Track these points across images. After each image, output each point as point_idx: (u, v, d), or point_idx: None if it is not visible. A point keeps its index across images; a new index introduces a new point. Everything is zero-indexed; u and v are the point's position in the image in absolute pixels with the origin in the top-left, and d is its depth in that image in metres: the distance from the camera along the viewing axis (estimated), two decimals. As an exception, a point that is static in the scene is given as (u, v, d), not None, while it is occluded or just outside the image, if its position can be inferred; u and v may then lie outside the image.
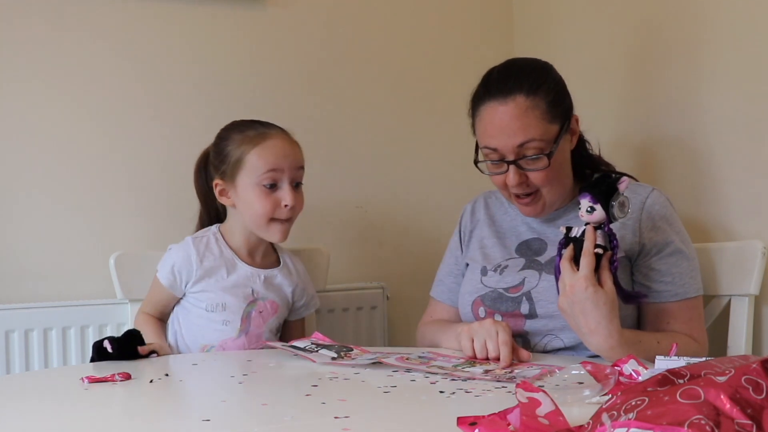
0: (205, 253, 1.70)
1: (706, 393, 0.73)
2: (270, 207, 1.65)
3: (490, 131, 1.52)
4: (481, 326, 1.43)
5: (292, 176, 1.67)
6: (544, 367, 1.32)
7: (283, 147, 1.67)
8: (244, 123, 1.72)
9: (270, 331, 1.72)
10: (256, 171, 1.64)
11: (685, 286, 1.51)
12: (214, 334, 1.68)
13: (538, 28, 2.33)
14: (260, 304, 1.71)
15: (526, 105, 1.49)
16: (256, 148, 1.65)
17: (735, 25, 1.72)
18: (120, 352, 1.48)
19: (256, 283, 1.71)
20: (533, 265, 1.58)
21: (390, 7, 2.29)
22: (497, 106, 1.50)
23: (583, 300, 1.32)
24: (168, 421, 1.04)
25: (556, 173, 1.53)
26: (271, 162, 1.64)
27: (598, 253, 1.33)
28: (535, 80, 1.52)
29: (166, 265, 1.72)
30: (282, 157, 1.65)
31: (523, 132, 1.49)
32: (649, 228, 1.52)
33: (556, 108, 1.52)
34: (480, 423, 0.82)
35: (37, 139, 1.94)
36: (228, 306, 1.68)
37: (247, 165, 1.65)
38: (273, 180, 1.65)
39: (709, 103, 1.79)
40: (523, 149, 1.50)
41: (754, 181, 1.70)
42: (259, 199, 1.65)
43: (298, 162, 1.68)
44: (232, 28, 2.11)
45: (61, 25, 1.96)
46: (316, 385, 1.20)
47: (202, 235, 1.75)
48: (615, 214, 1.33)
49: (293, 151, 1.69)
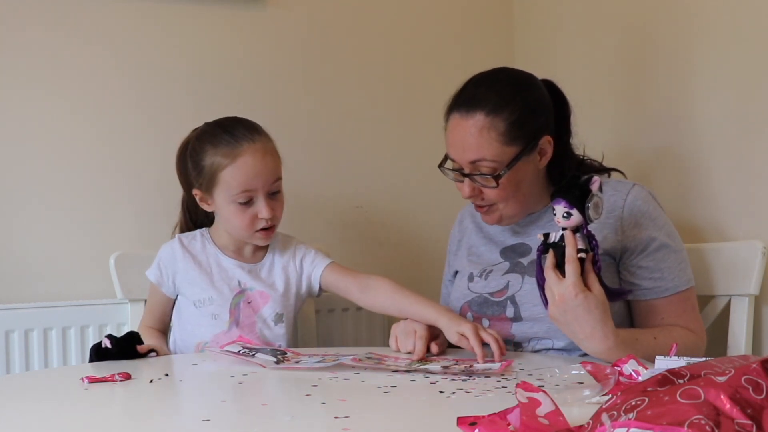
0: (188, 247, 1.73)
1: (706, 393, 0.73)
2: (248, 221, 1.65)
3: (450, 142, 1.55)
4: (397, 326, 1.54)
5: (267, 190, 1.65)
6: (503, 361, 1.34)
7: (254, 165, 1.63)
8: (215, 132, 1.68)
9: (265, 320, 1.69)
10: (230, 190, 1.63)
11: (675, 281, 1.51)
12: (206, 329, 1.68)
13: (539, 30, 2.33)
14: (248, 295, 1.70)
15: (483, 124, 1.49)
16: (228, 168, 1.63)
17: (729, 29, 1.72)
18: (119, 348, 1.48)
19: (241, 276, 1.71)
20: (516, 269, 1.58)
21: (390, 8, 2.29)
22: (459, 119, 1.52)
23: (574, 307, 1.31)
24: (168, 421, 1.04)
25: (511, 192, 1.53)
26: (242, 182, 1.63)
27: (581, 257, 1.32)
28: (502, 99, 1.51)
29: (155, 265, 1.75)
30: (254, 176, 1.63)
31: (476, 150, 1.50)
32: (631, 226, 1.52)
33: (518, 130, 1.50)
34: (480, 423, 0.82)
35: (36, 140, 1.94)
36: (214, 299, 1.69)
37: (220, 183, 1.64)
38: (247, 198, 1.64)
39: (704, 105, 1.79)
40: (475, 166, 1.51)
41: (750, 182, 1.70)
42: (236, 215, 1.65)
43: (272, 177, 1.66)
44: (232, 28, 2.11)
45: (60, 26, 1.96)
46: (316, 385, 1.20)
47: (189, 233, 1.78)
48: (591, 216, 1.32)
49: (266, 168, 1.65)
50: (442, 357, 1.46)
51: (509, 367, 1.30)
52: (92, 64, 1.98)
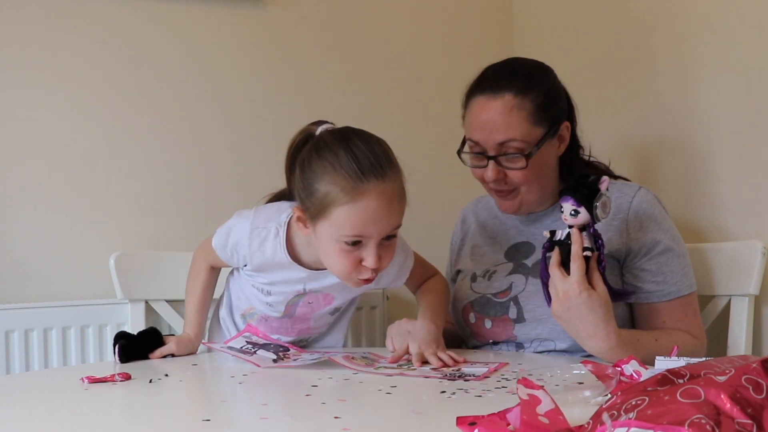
0: (257, 252, 1.51)
1: (706, 392, 0.73)
2: (350, 266, 1.40)
3: (475, 124, 1.53)
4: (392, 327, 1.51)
5: (383, 236, 1.39)
6: (490, 365, 1.34)
7: (378, 211, 1.35)
8: (339, 153, 1.37)
9: (319, 317, 1.61)
10: (340, 230, 1.36)
11: (677, 285, 1.51)
12: (260, 306, 1.59)
13: (538, 29, 2.33)
14: (311, 296, 1.56)
15: (513, 104, 1.50)
16: (347, 205, 1.34)
17: (733, 27, 1.72)
18: (129, 358, 1.48)
19: (310, 283, 1.54)
20: (520, 270, 1.58)
21: (390, 8, 2.29)
22: (486, 101, 1.52)
23: (578, 305, 1.32)
24: (168, 421, 1.04)
25: (535, 175, 1.53)
26: (358, 227, 1.36)
27: (587, 256, 1.33)
28: (528, 82, 1.52)
29: (223, 240, 1.55)
30: (373, 222, 1.36)
31: (505, 130, 1.49)
32: (636, 228, 1.52)
33: (544, 112, 1.52)
34: (480, 423, 0.82)
35: (37, 140, 1.94)
36: (273, 294, 1.56)
37: (331, 218, 1.36)
38: (357, 240, 1.37)
39: (706, 104, 1.79)
40: (504, 147, 1.51)
41: (751, 181, 1.70)
42: (338, 255, 1.39)
43: (392, 225, 1.39)
44: (232, 28, 2.11)
45: (60, 26, 1.96)
46: (316, 385, 1.20)
47: (265, 224, 1.52)
48: (598, 215, 1.32)
49: (390, 214, 1.37)
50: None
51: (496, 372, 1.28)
52: (92, 63, 1.98)
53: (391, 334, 1.52)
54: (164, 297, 1.94)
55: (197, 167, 2.07)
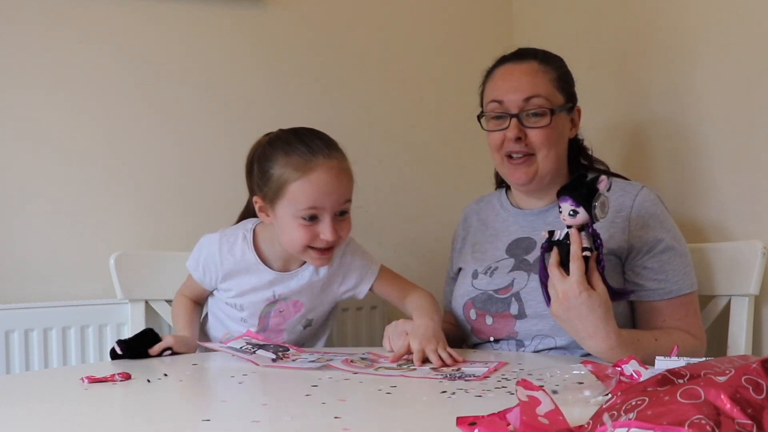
0: (227, 255, 1.64)
1: (706, 393, 0.73)
2: (307, 238, 1.54)
3: (500, 85, 1.60)
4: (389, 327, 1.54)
5: (335, 210, 1.55)
6: (490, 364, 1.34)
7: (327, 182, 1.52)
8: (291, 140, 1.56)
9: (292, 328, 1.68)
10: (296, 205, 1.52)
11: (679, 283, 1.51)
12: (235, 326, 1.69)
13: (538, 25, 2.33)
14: (281, 305, 1.66)
15: (538, 68, 1.59)
16: (299, 181, 1.51)
17: (733, 23, 1.72)
18: (131, 353, 1.50)
19: (276, 286, 1.64)
20: (522, 266, 1.58)
21: (390, 7, 2.29)
22: (511, 66, 1.61)
23: (578, 305, 1.32)
24: (168, 421, 1.04)
25: (554, 139, 1.57)
26: (312, 199, 1.52)
27: (586, 256, 1.32)
28: (549, 55, 1.63)
29: (195, 259, 1.69)
30: (325, 194, 1.52)
31: (531, 87, 1.56)
32: (639, 227, 1.52)
33: (565, 84, 1.61)
34: (480, 423, 0.82)
35: (37, 140, 1.94)
36: (245, 308, 1.66)
37: (287, 195, 1.53)
38: (313, 214, 1.53)
39: (707, 104, 1.79)
40: (528, 104, 1.56)
41: (751, 181, 1.70)
42: (297, 230, 1.54)
43: (343, 197, 1.55)
44: (232, 28, 2.11)
45: (60, 26, 1.96)
46: (316, 385, 1.20)
47: (233, 232, 1.67)
48: (597, 215, 1.32)
49: (339, 186, 1.54)
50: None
51: (496, 372, 1.28)
52: (92, 63, 1.98)
53: (389, 335, 1.53)
54: (164, 297, 1.94)
55: (197, 167, 2.07)
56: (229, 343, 1.51)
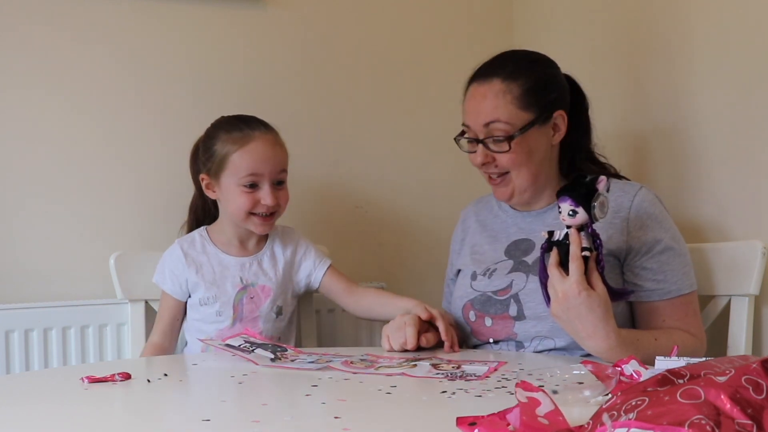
0: (189, 250, 1.78)
1: (706, 393, 0.73)
2: (249, 204, 1.71)
3: (467, 109, 1.59)
4: (387, 326, 1.55)
5: (273, 178, 1.72)
6: (490, 364, 1.33)
7: (264, 151, 1.72)
8: (231, 121, 1.77)
9: (266, 315, 1.77)
10: (238, 173, 1.70)
11: (678, 283, 1.51)
12: (210, 326, 1.74)
13: (538, 26, 2.33)
14: (251, 290, 1.76)
15: (499, 88, 1.54)
16: (239, 151, 1.71)
17: (733, 24, 1.72)
18: None
19: (243, 271, 1.77)
20: (521, 267, 1.58)
21: (390, 7, 2.29)
22: (477, 86, 1.58)
23: (577, 305, 1.31)
24: (168, 421, 1.04)
25: (523, 159, 1.56)
26: (251, 166, 1.70)
27: (585, 256, 1.32)
28: (518, 68, 1.57)
29: (161, 272, 1.80)
30: (262, 161, 1.71)
31: (490, 112, 1.54)
32: (637, 227, 1.52)
33: (534, 97, 1.55)
34: (480, 423, 0.82)
35: (37, 140, 1.94)
36: (218, 297, 1.75)
37: (230, 165, 1.71)
38: (253, 181, 1.71)
39: (706, 104, 1.79)
40: (489, 129, 1.55)
41: (751, 181, 1.70)
42: (240, 197, 1.71)
43: (279, 165, 1.74)
44: (232, 28, 2.11)
45: (60, 26, 1.96)
46: (316, 385, 1.20)
47: (187, 237, 1.83)
48: (596, 215, 1.32)
49: (274, 155, 1.73)
50: (433, 355, 1.45)
51: (496, 372, 1.28)
52: (92, 63, 1.98)
53: (387, 333, 1.54)
54: (164, 297, 1.94)
55: (197, 167, 2.06)
56: (227, 340, 1.51)
